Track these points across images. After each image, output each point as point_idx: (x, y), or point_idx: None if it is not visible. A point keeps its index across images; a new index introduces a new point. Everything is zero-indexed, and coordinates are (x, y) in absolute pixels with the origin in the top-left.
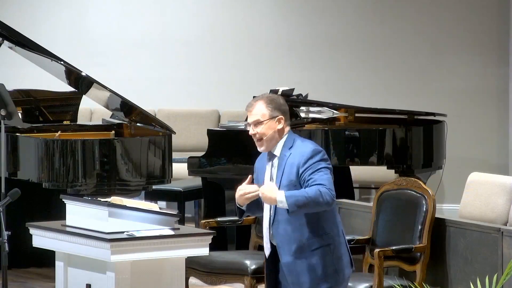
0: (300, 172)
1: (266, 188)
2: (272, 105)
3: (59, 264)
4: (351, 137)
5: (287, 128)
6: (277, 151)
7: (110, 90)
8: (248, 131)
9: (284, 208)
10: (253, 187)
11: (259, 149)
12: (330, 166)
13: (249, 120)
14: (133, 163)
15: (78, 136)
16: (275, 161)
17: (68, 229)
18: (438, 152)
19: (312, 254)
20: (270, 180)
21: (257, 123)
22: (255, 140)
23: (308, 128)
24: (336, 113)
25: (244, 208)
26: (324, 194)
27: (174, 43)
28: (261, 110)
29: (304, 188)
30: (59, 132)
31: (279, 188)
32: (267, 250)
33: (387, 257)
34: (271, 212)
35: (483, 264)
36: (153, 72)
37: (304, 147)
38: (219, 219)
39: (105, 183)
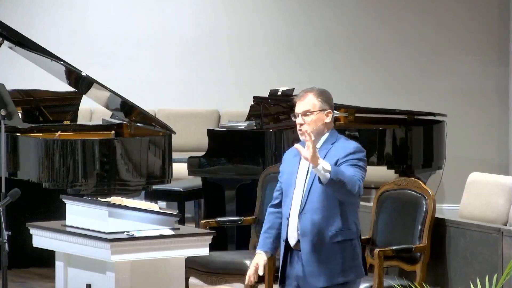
0: (339, 163)
1: (313, 151)
2: (322, 98)
3: (59, 264)
4: (351, 137)
5: (332, 124)
6: (318, 144)
7: (110, 90)
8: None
9: (323, 173)
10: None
11: (302, 138)
12: (366, 168)
13: (298, 110)
14: (133, 163)
15: (78, 136)
16: None
17: (68, 229)
18: (438, 152)
19: (333, 246)
20: (307, 173)
21: (307, 112)
22: (298, 129)
23: None
24: (336, 113)
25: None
26: (357, 184)
27: (174, 43)
28: (311, 101)
29: None
30: (59, 132)
31: (312, 181)
32: (293, 240)
33: (387, 257)
34: (302, 200)
35: (483, 264)
36: (153, 72)
37: (348, 143)
38: (219, 219)
39: (105, 183)
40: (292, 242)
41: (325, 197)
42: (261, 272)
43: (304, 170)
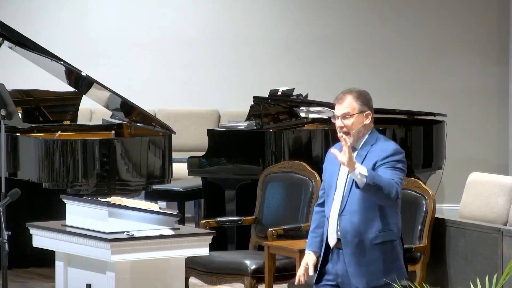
0: (377, 165)
1: (349, 156)
2: (361, 100)
3: (59, 264)
4: None
5: (372, 125)
6: (358, 146)
7: (110, 90)
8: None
9: (360, 178)
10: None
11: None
12: (405, 169)
13: (338, 113)
14: (133, 163)
15: (78, 136)
16: (355, 154)
17: (68, 229)
18: (438, 152)
19: (374, 248)
20: (347, 174)
21: (346, 115)
22: (339, 132)
23: (308, 128)
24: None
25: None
26: (394, 188)
27: (174, 43)
28: (351, 104)
29: None
30: (59, 132)
31: (352, 183)
32: (332, 240)
33: None
34: (342, 202)
35: (483, 264)
36: (153, 72)
37: (387, 145)
38: (219, 219)
39: (105, 183)
40: (331, 242)
41: (365, 199)
42: (311, 272)
43: (345, 171)
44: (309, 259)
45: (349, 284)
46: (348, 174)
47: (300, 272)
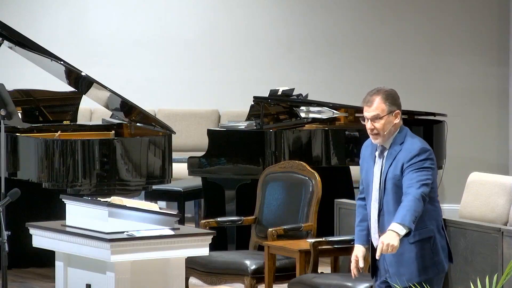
0: (405, 167)
1: (386, 238)
2: (390, 100)
3: (59, 264)
4: (351, 137)
5: (401, 122)
6: (388, 145)
7: (110, 90)
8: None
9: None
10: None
11: (374, 141)
12: (434, 165)
13: (367, 115)
14: (133, 163)
15: (78, 136)
16: (385, 153)
17: (68, 229)
18: (438, 152)
19: (412, 246)
20: (380, 174)
21: (376, 118)
22: (370, 133)
23: (308, 128)
24: (336, 113)
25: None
26: (420, 200)
27: (174, 43)
28: (380, 105)
29: (403, 180)
30: (59, 132)
31: (385, 181)
32: (375, 241)
33: None
34: (380, 202)
35: (483, 264)
36: (153, 72)
37: (413, 144)
38: (219, 219)
39: (105, 183)
40: (375, 243)
41: (398, 200)
42: (361, 264)
43: (378, 170)
44: (358, 251)
45: (392, 283)
46: (381, 174)
47: (352, 266)
